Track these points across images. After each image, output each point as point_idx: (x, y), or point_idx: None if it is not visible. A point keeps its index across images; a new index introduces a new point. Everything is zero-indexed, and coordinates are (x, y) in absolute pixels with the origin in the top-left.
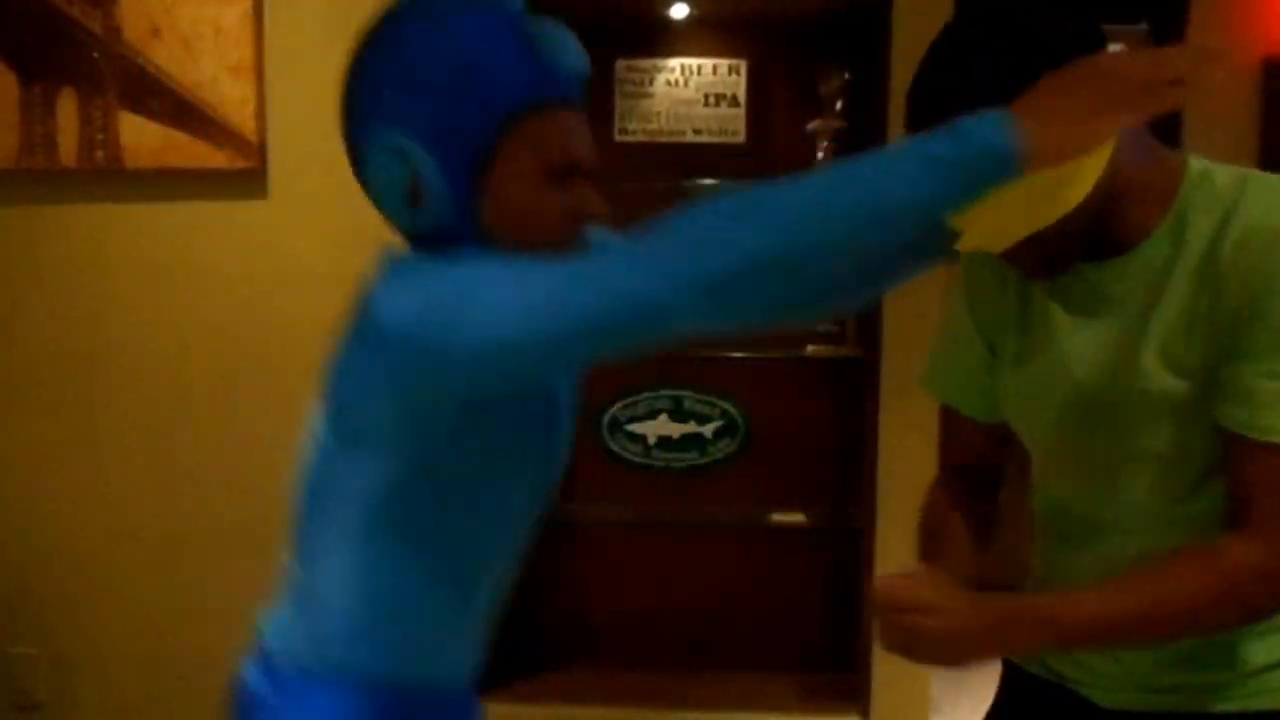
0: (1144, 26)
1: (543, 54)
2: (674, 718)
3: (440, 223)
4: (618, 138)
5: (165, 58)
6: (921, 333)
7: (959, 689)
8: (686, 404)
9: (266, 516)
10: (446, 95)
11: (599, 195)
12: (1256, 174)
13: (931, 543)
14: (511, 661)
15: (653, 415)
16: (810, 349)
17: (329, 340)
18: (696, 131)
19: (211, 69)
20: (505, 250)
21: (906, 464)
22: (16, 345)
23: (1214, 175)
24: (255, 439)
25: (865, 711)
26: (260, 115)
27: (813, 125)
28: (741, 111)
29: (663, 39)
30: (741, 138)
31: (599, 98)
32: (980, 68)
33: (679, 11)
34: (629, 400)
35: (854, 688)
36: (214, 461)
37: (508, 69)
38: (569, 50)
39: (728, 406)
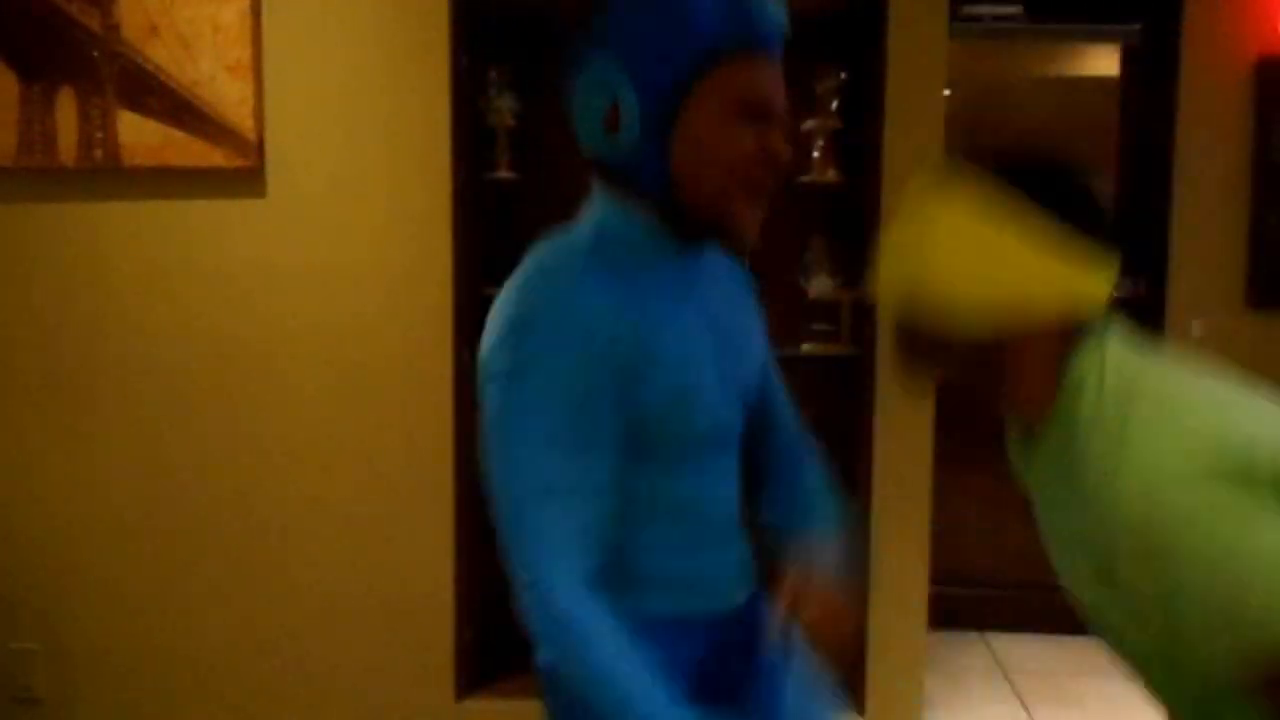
0: (1138, 27)
1: (746, 4)
2: None
3: (631, 153)
4: None
5: (164, 56)
6: None
7: (954, 686)
8: None
9: (262, 512)
10: (654, 31)
11: (785, 141)
12: (1141, 406)
13: None
14: (501, 659)
15: None
16: (806, 347)
17: (325, 336)
18: None
19: (210, 68)
20: (686, 192)
21: (901, 460)
22: (15, 342)
23: (1097, 390)
24: (252, 434)
25: (861, 708)
26: (258, 114)
27: (809, 124)
28: None
29: None
30: None
31: None
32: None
33: None
34: None
35: (850, 683)
36: (210, 457)
37: (712, 13)
38: (768, 4)
39: None
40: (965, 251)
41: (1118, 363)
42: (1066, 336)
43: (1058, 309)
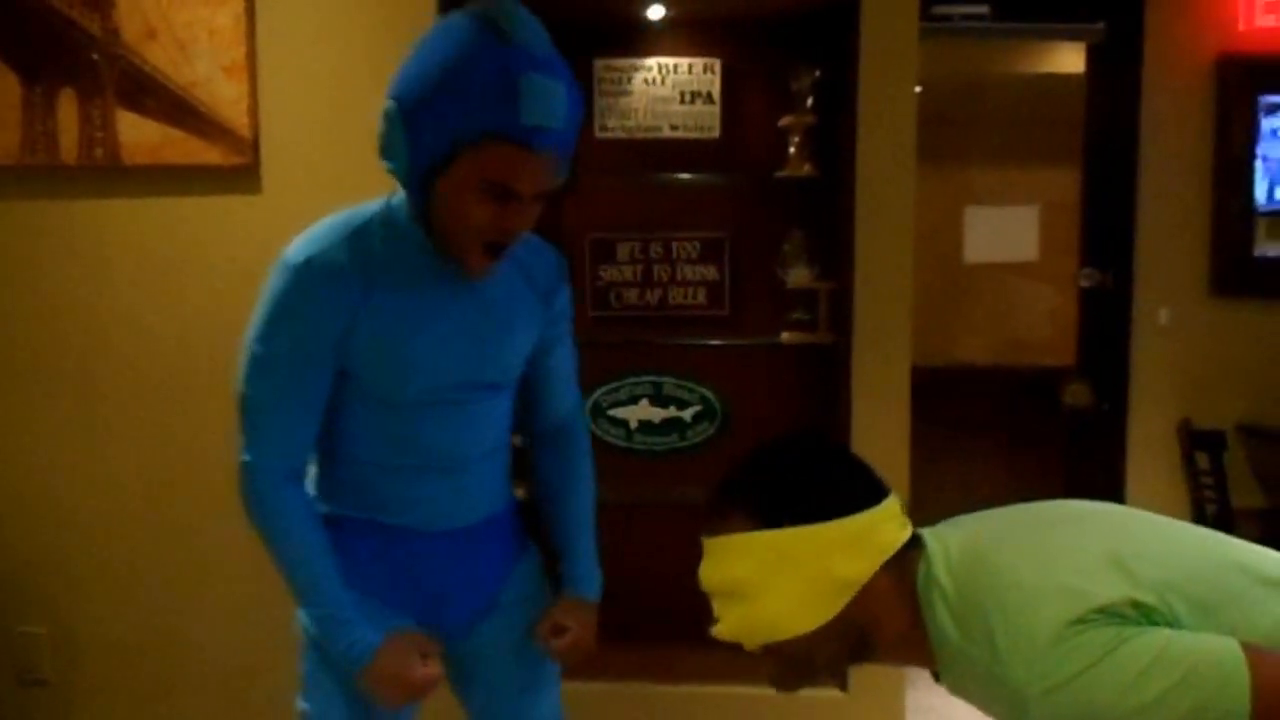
0: (1101, 26)
1: (518, 103)
2: (659, 690)
3: (402, 180)
4: (598, 135)
5: (161, 58)
6: (890, 321)
7: None
8: (666, 389)
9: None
10: (431, 102)
11: (525, 218)
12: (995, 617)
13: None
14: None
15: (634, 400)
16: (785, 336)
17: None
18: (673, 128)
19: (206, 69)
20: (434, 229)
21: (877, 444)
22: (20, 334)
23: (947, 609)
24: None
25: (844, 684)
26: (253, 113)
27: (785, 121)
28: (716, 109)
29: (640, 40)
30: (716, 134)
31: None
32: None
33: (655, 13)
34: (611, 386)
35: None
36: (210, 445)
37: (479, 104)
38: (540, 109)
39: (706, 392)
40: (767, 574)
41: (948, 570)
42: (896, 573)
43: (872, 561)
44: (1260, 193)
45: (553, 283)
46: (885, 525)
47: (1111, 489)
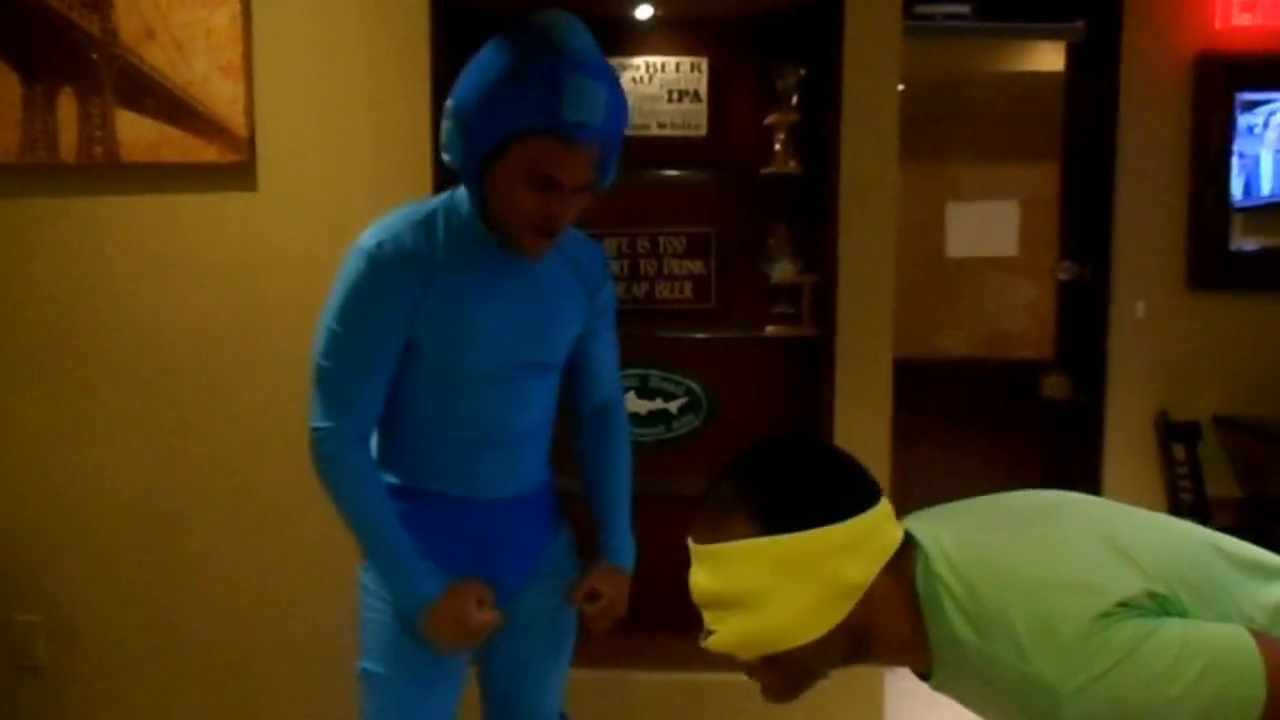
0: (1081, 25)
1: (561, 100)
2: (646, 677)
3: (461, 176)
4: None
5: (159, 58)
6: (873, 314)
7: None
8: (653, 382)
9: (253, 487)
10: (481, 104)
11: (569, 208)
12: (1013, 614)
13: None
14: None
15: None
16: (769, 329)
17: (312, 320)
18: (661, 126)
19: (203, 68)
20: (489, 218)
21: (859, 435)
22: (18, 328)
23: (955, 606)
24: (242, 414)
25: None
26: (249, 112)
27: (770, 119)
28: (703, 106)
29: (629, 39)
30: (703, 131)
31: None
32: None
33: (644, 13)
34: None
35: None
36: (204, 436)
37: (524, 104)
38: (581, 105)
39: (692, 384)
40: (775, 582)
41: (950, 569)
42: (895, 574)
43: (876, 562)
44: (1236, 188)
45: (598, 277)
46: (884, 525)
47: (1089, 479)
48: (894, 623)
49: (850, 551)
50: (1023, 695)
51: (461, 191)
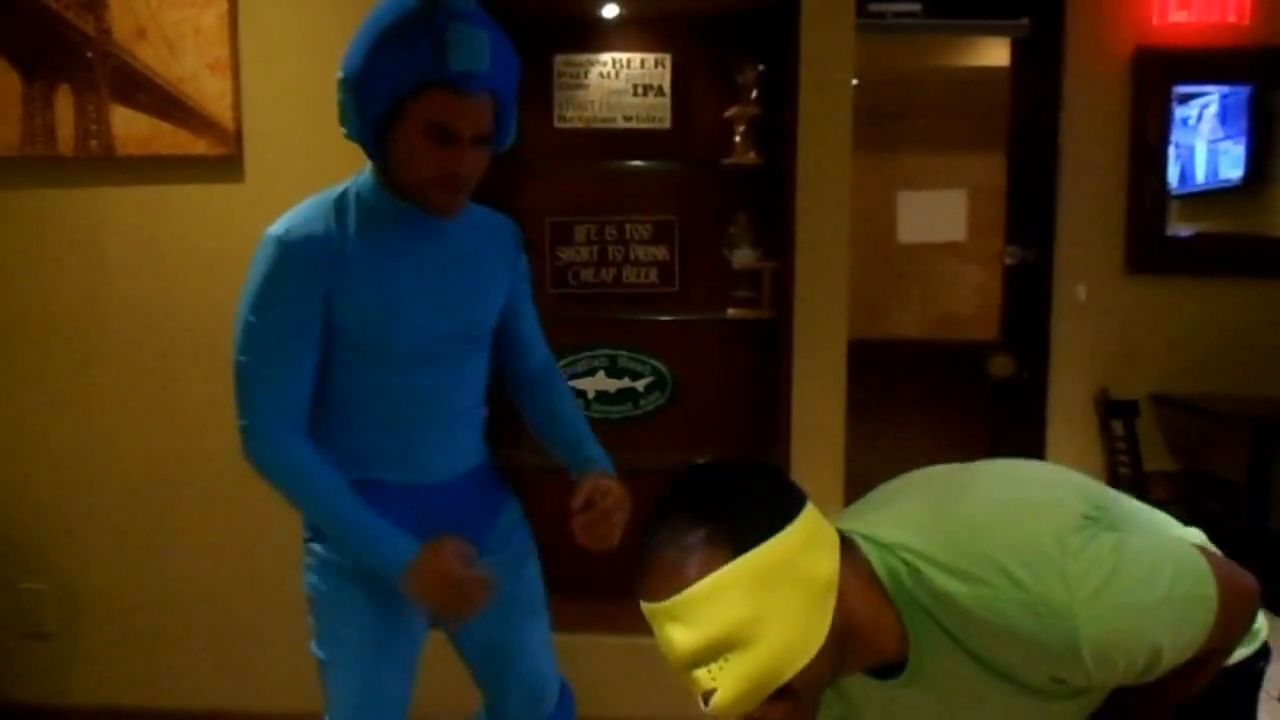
0: (1025, 22)
1: (446, 52)
2: (615, 640)
3: (362, 144)
4: (556, 125)
5: (151, 56)
6: (829, 297)
7: None
8: (621, 362)
9: (244, 459)
10: (368, 66)
11: (471, 160)
12: (983, 562)
13: None
14: None
15: (591, 372)
16: (730, 312)
17: None
18: (627, 119)
19: (193, 66)
20: (396, 181)
21: (816, 412)
22: (20, 313)
23: (913, 574)
24: (231, 391)
25: None
26: (236, 107)
27: (731, 112)
28: (667, 100)
29: (596, 36)
30: (667, 124)
31: (539, 89)
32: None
33: (610, 11)
34: (570, 359)
35: None
36: (198, 413)
37: (410, 58)
38: (465, 54)
39: (658, 364)
40: (763, 600)
41: (911, 541)
42: (850, 563)
43: (833, 552)
44: (1173, 176)
45: (513, 249)
46: (821, 519)
47: (1032, 454)
48: (868, 611)
49: (811, 547)
50: (1033, 629)
51: (368, 168)
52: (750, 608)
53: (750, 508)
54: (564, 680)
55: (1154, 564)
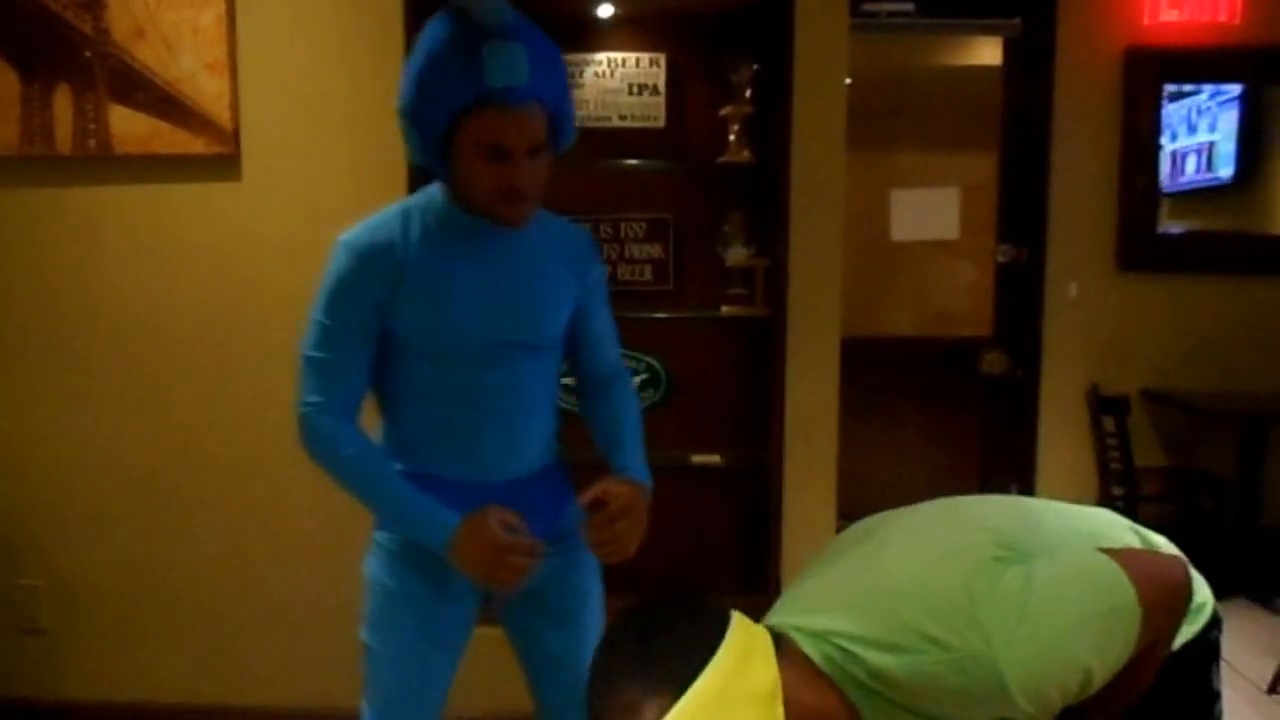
0: (1017, 21)
1: (484, 70)
2: None
3: (426, 166)
4: None
5: (149, 56)
6: (822, 295)
7: None
8: None
9: (243, 458)
10: (419, 94)
11: (528, 172)
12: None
13: None
14: None
15: None
16: (724, 310)
17: (293, 302)
18: (622, 118)
19: (190, 65)
20: (462, 197)
21: (809, 411)
22: (18, 311)
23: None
24: (228, 390)
25: None
26: (234, 106)
27: (725, 111)
28: (661, 99)
29: (591, 36)
30: (662, 123)
31: None
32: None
33: (605, 12)
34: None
35: (765, 608)
36: (192, 411)
37: (454, 83)
38: (502, 69)
39: (651, 361)
40: None
41: (835, 624)
42: (789, 662)
43: (769, 660)
44: (1164, 175)
45: (585, 259)
46: (750, 628)
47: (1024, 450)
48: (818, 703)
49: (747, 661)
50: (965, 683)
51: (435, 185)
52: None
53: (679, 643)
54: None
55: (1062, 590)
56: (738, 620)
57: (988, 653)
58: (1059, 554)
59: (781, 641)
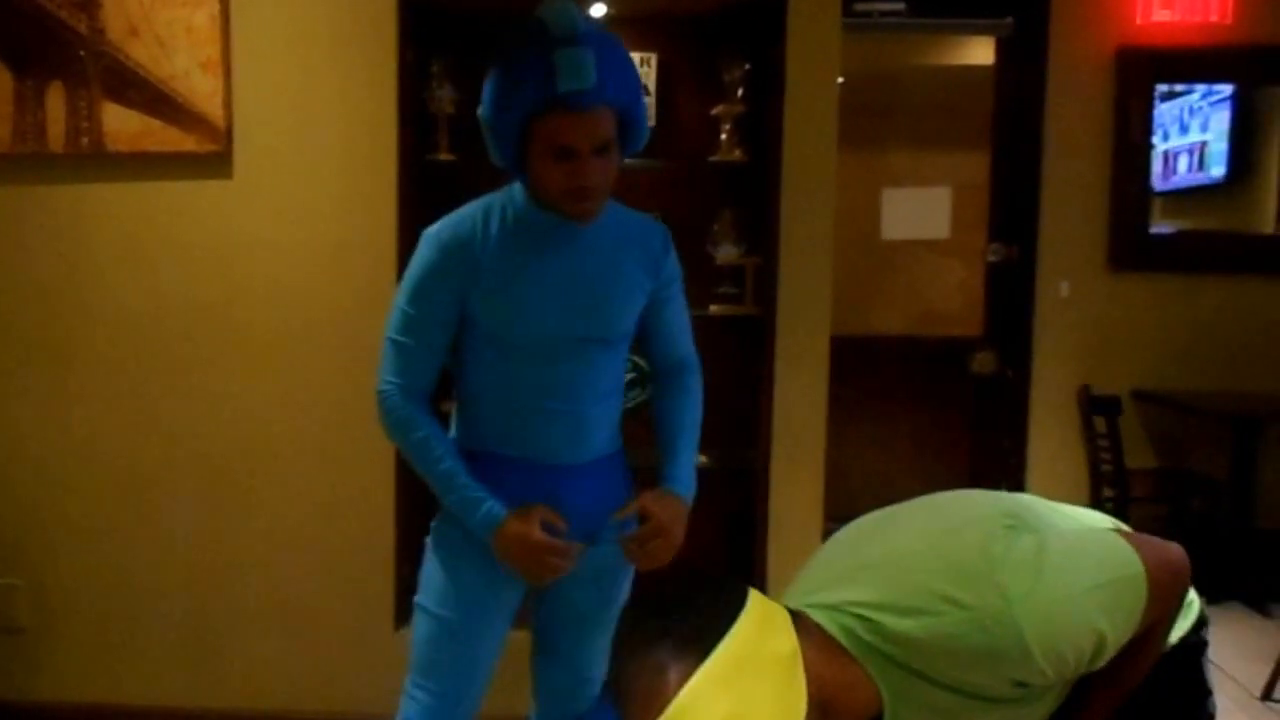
0: (1010, 21)
1: (554, 76)
2: None
3: (506, 167)
4: None
5: (143, 55)
6: (812, 294)
7: None
8: None
9: (224, 456)
10: (495, 100)
11: (595, 170)
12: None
13: None
14: None
15: None
16: (714, 308)
17: (283, 300)
18: None
19: (184, 64)
20: (537, 195)
21: (798, 408)
22: (9, 307)
23: (868, 626)
24: (216, 390)
25: None
26: (227, 105)
27: (717, 110)
28: (653, 99)
29: None
30: (653, 122)
31: None
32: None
33: (597, 10)
34: None
35: None
36: (179, 410)
37: (525, 88)
38: (569, 74)
39: (640, 361)
40: (740, 694)
41: (853, 596)
42: (805, 633)
43: (788, 629)
44: (1156, 174)
45: (659, 255)
46: (767, 599)
47: (1015, 451)
48: (836, 674)
49: (767, 628)
50: (985, 642)
51: (515, 184)
52: (731, 703)
53: (701, 613)
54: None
55: (1077, 555)
56: (755, 595)
57: (1007, 610)
58: (1067, 528)
59: (797, 618)
